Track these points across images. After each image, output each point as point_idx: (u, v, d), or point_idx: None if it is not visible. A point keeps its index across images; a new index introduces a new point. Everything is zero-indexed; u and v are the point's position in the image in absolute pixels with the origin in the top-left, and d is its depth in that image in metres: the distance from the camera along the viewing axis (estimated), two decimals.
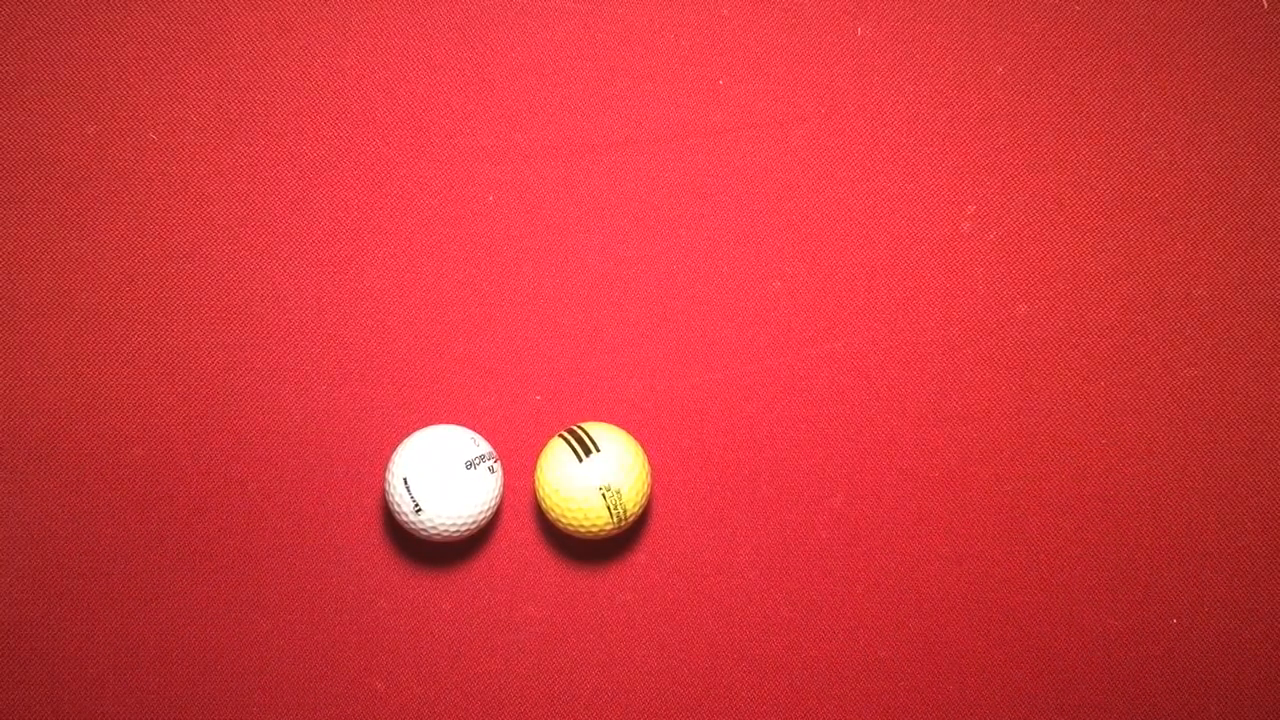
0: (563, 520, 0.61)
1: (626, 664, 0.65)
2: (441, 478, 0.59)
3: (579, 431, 0.61)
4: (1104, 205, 0.66)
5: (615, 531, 0.61)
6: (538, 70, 0.65)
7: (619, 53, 0.66)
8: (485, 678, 0.65)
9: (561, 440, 0.61)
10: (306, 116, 0.65)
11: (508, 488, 0.65)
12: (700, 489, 0.65)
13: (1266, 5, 0.66)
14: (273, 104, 0.65)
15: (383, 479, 0.64)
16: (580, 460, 0.60)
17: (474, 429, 0.64)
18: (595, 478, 0.60)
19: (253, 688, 0.64)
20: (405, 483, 0.60)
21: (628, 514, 0.60)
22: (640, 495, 0.61)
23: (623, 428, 0.64)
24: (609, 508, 0.60)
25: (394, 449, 0.62)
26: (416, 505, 0.59)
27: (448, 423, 0.64)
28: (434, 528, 0.60)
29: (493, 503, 0.61)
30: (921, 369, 0.65)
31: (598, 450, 0.60)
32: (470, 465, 0.60)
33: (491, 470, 0.61)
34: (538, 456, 0.63)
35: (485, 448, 0.62)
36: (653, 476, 0.64)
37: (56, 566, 0.64)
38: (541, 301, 0.65)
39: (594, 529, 0.60)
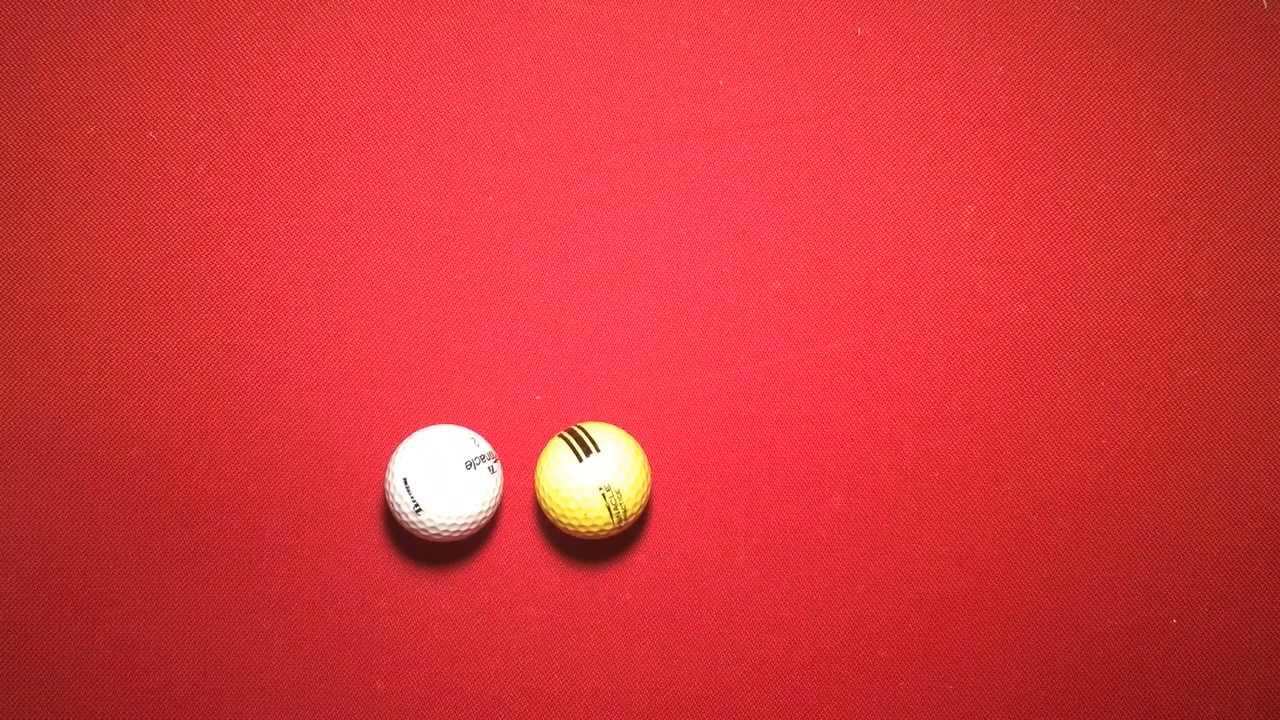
0: (563, 520, 0.61)
1: (626, 664, 0.65)
2: (441, 478, 0.59)
3: (579, 431, 0.61)
4: (1104, 205, 0.66)
5: (615, 531, 0.61)
6: (537, 70, 0.65)
7: (619, 53, 0.66)
8: (485, 678, 0.65)
9: (561, 440, 0.61)
10: (306, 116, 0.65)
11: (508, 488, 0.65)
12: (700, 489, 0.65)
13: (1266, 5, 0.66)
14: (272, 104, 0.65)
15: (383, 479, 0.64)
16: (580, 460, 0.60)
17: (474, 429, 0.64)
18: (595, 478, 0.59)
19: (253, 688, 0.64)
20: (405, 483, 0.60)
21: (628, 514, 0.60)
22: (640, 495, 0.61)
23: (623, 428, 0.64)
24: (609, 508, 0.60)
25: (394, 449, 0.62)
26: (416, 505, 0.59)
27: (448, 423, 0.64)
28: (434, 528, 0.60)
29: (493, 503, 0.61)
30: (921, 369, 0.65)
31: (598, 450, 0.60)
32: (470, 465, 0.60)
33: (491, 470, 0.61)
34: (538, 456, 0.63)
35: (485, 448, 0.62)
36: (653, 476, 0.64)
37: (56, 566, 0.64)
38: (541, 301, 0.65)
39: (594, 529, 0.60)
